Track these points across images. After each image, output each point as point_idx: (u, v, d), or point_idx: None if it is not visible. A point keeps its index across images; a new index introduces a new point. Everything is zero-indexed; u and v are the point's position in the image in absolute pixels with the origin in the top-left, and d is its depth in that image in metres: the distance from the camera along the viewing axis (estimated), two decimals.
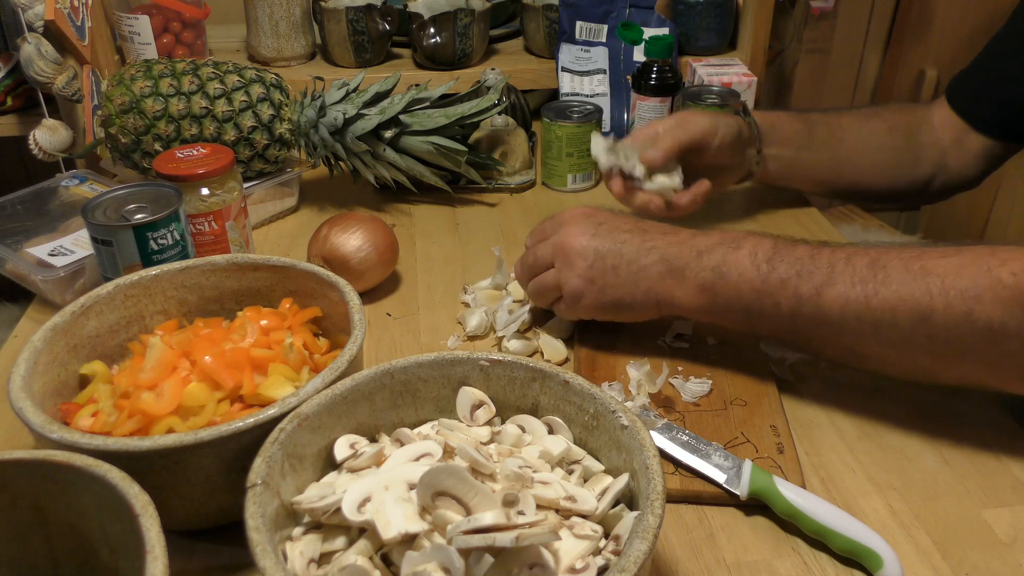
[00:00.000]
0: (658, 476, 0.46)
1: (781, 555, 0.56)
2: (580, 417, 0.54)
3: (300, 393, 0.53)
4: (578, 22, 1.20)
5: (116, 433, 0.54)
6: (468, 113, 0.97)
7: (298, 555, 0.46)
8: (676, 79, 1.00)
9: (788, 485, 0.57)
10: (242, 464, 0.48)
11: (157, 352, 0.58)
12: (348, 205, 1.03)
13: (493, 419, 0.57)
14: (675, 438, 0.63)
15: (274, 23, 1.20)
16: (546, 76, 1.22)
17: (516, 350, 0.75)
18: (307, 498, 0.48)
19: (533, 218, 1.00)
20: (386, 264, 0.84)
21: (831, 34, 1.76)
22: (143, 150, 0.91)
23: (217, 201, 0.80)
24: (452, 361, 0.56)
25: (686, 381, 0.69)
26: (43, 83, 0.98)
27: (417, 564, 0.43)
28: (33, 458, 0.46)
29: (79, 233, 0.84)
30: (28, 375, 0.55)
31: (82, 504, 0.46)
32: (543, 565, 0.44)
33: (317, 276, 0.66)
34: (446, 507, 0.45)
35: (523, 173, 1.07)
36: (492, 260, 0.86)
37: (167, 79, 0.90)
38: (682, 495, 0.60)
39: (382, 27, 1.19)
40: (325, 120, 0.93)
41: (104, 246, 0.71)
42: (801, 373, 0.72)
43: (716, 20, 1.22)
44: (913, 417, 0.67)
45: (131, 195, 0.74)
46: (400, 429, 0.55)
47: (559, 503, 0.48)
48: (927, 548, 0.56)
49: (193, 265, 0.67)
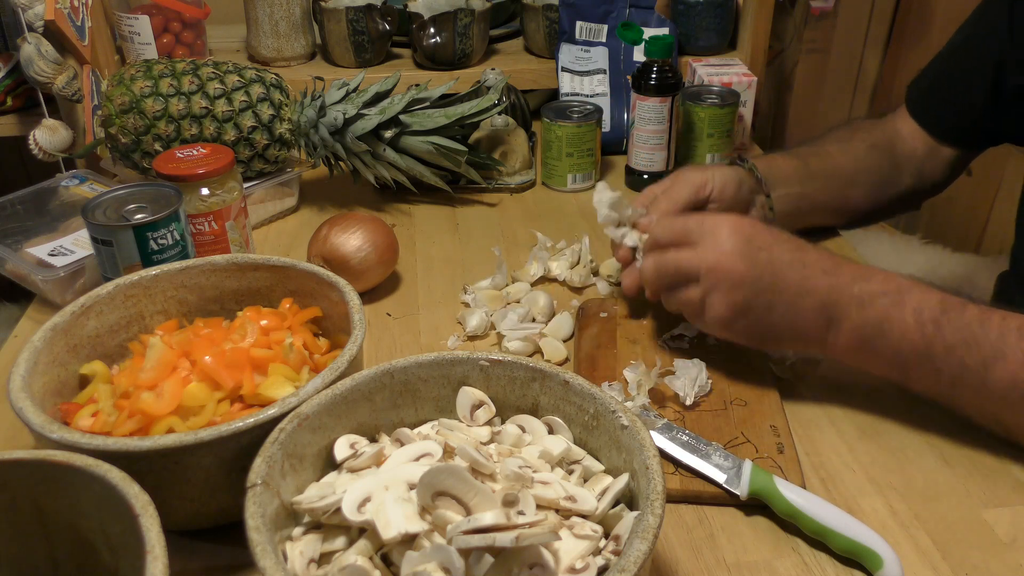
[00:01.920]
0: (658, 476, 0.46)
1: (781, 555, 0.56)
2: (580, 417, 0.54)
3: (300, 393, 0.53)
4: (578, 22, 1.20)
5: (116, 433, 0.54)
6: (468, 113, 0.97)
7: (298, 555, 0.46)
8: (676, 79, 1.00)
9: (788, 485, 0.57)
10: (242, 464, 0.48)
11: (157, 352, 0.59)
12: (348, 205, 1.03)
13: (493, 419, 0.57)
14: (675, 438, 0.63)
15: (274, 23, 1.20)
16: (546, 76, 1.22)
17: (516, 350, 0.75)
18: (307, 498, 0.48)
19: (533, 218, 1.00)
20: (386, 264, 0.84)
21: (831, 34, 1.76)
22: (143, 150, 0.91)
23: (217, 201, 0.80)
24: (452, 361, 0.56)
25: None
26: (43, 83, 0.98)
27: (417, 564, 0.43)
28: (33, 458, 0.46)
29: (79, 233, 0.84)
30: (28, 375, 0.55)
31: (82, 504, 0.46)
32: (543, 565, 0.44)
33: (317, 276, 0.66)
34: (446, 507, 0.45)
35: (523, 173, 1.07)
36: (492, 260, 0.86)
37: (167, 79, 0.90)
38: (682, 495, 0.60)
39: (382, 27, 1.18)
40: (325, 120, 0.93)
41: (104, 246, 0.71)
42: (801, 373, 0.72)
43: (716, 20, 1.22)
44: (913, 417, 0.67)
45: (131, 195, 0.74)
46: (400, 429, 0.55)
47: (559, 503, 0.48)
48: (927, 548, 0.56)
49: (193, 265, 0.67)
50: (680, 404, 0.67)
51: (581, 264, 0.87)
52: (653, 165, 1.04)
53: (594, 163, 1.06)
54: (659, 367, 0.67)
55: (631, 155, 1.06)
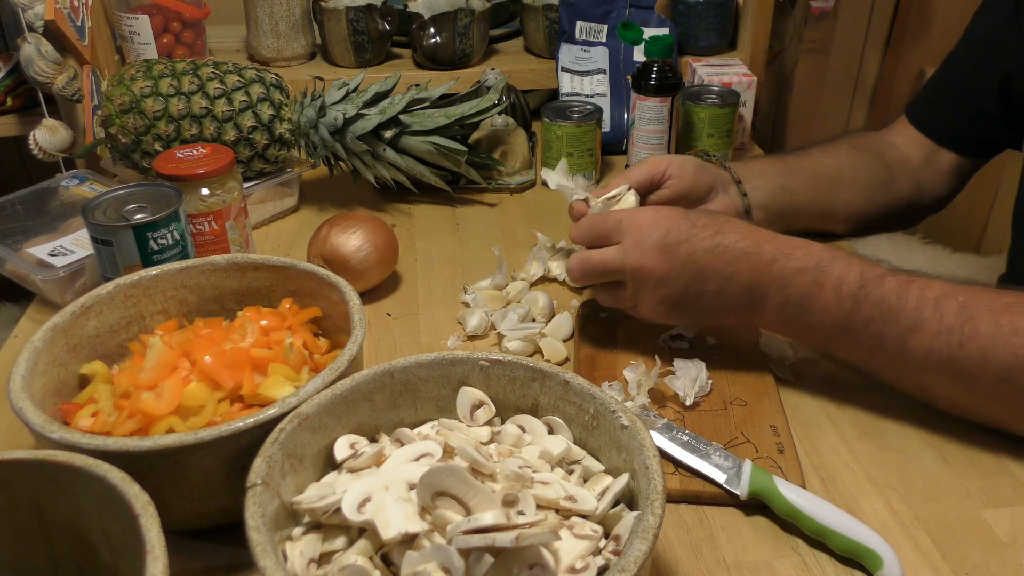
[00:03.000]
0: (658, 476, 0.46)
1: (781, 555, 0.56)
2: (580, 417, 0.54)
3: (300, 393, 0.53)
4: (578, 22, 1.20)
5: (116, 433, 0.54)
6: (468, 113, 0.97)
7: (298, 555, 0.46)
8: (676, 79, 1.00)
9: (788, 485, 0.57)
10: (242, 464, 0.48)
11: (157, 352, 0.59)
12: (348, 205, 1.03)
13: (493, 419, 0.57)
14: (675, 438, 0.63)
15: (274, 23, 1.20)
16: (546, 76, 1.22)
17: (516, 350, 0.75)
18: (307, 498, 0.48)
19: (533, 218, 1.00)
20: (386, 264, 0.84)
21: (831, 34, 1.76)
22: (143, 150, 0.91)
23: (217, 201, 0.80)
24: (452, 361, 0.56)
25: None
26: (43, 83, 0.98)
27: (417, 564, 0.43)
28: (33, 458, 0.46)
29: (79, 233, 0.84)
30: (28, 375, 0.55)
31: (82, 504, 0.46)
32: (543, 565, 0.44)
33: (317, 276, 0.66)
34: (446, 507, 0.45)
35: (523, 173, 1.07)
36: (492, 260, 0.86)
37: (167, 79, 0.90)
38: (682, 495, 0.60)
39: (382, 27, 1.19)
40: (325, 120, 0.93)
41: (104, 246, 0.71)
42: (801, 373, 0.72)
43: (716, 20, 1.22)
44: (913, 417, 0.67)
45: (131, 195, 0.74)
46: (400, 429, 0.55)
47: (559, 503, 0.48)
48: (927, 548, 0.56)
49: (193, 265, 0.67)
50: (680, 404, 0.67)
51: None
52: None
53: (594, 163, 1.06)
54: (659, 367, 0.67)
55: (631, 155, 1.06)
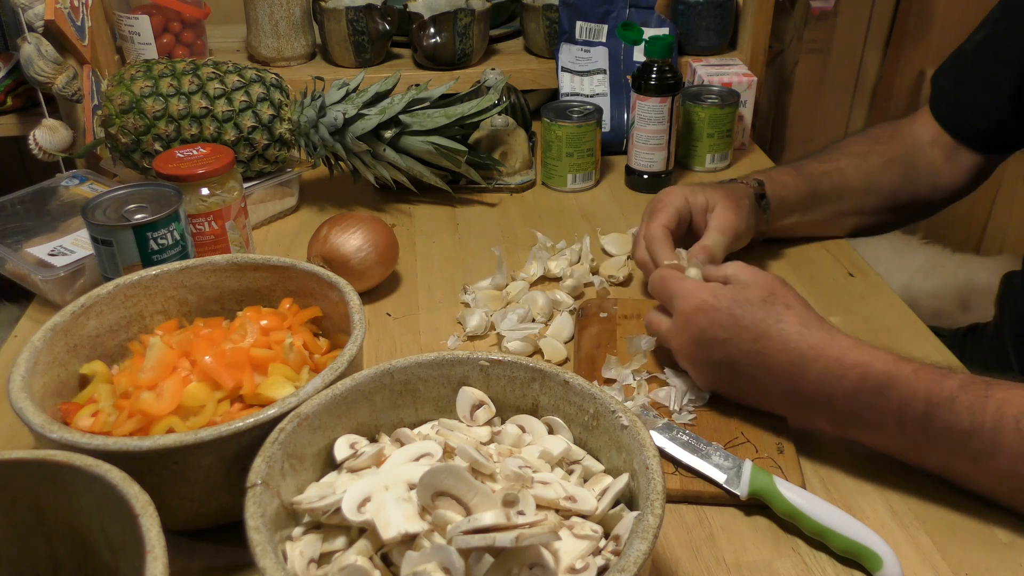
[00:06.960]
0: (658, 476, 0.46)
1: (781, 555, 0.56)
2: (580, 417, 0.54)
3: (300, 393, 0.53)
4: (578, 22, 1.20)
5: (116, 433, 0.54)
6: (468, 113, 0.97)
7: (298, 555, 0.46)
8: (676, 79, 1.00)
9: (788, 485, 0.57)
10: (242, 464, 0.48)
11: (157, 352, 0.58)
12: (348, 205, 1.03)
13: (493, 419, 0.57)
14: (675, 438, 0.63)
15: (274, 23, 1.20)
16: (546, 76, 1.22)
17: (516, 350, 0.75)
18: (307, 498, 0.48)
19: (533, 218, 1.00)
20: (386, 264, 0.84)
21: (831, 34, 1.76)
22: (143, 150, 0.91)
23: (217, 201, 0.80)
24: (452, 361, 0.56)
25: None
26: (43, 83, 0.98)
27: (417, 564, 0.43)
28: (33, 458, 0.46)
29: (79, 233, 0.84)
30: (28, 375, 0.55)
31: (82, 504, 0.46)
32: (543, 565, 0.44)
33: (317, 276, 0.66)
34: (446, 507, 0.45)
35: (523, 173, 1.07)
36: (492, 260, 0.86)
37: (167, 79, 0.90)
38: (682, 495, 0.60)
39: (382, 27, 1.18)
40: (325, 120, 0.93)
41: (104, 246, 0.71)
42: None
43: (716, 20, 1.22)
44: None
45: (131, 195, 0.74)
46: (400, 429, 0.55)
47: (559, 503, 0.48)
48: (927, 548, 0.56)
49: (193, 265, 0.67)
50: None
51: (581, 263, 0.87)
52: (653, 165, 1.04)
53: (594, 163, 1.06)
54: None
55: (631, 155, 1.06)
